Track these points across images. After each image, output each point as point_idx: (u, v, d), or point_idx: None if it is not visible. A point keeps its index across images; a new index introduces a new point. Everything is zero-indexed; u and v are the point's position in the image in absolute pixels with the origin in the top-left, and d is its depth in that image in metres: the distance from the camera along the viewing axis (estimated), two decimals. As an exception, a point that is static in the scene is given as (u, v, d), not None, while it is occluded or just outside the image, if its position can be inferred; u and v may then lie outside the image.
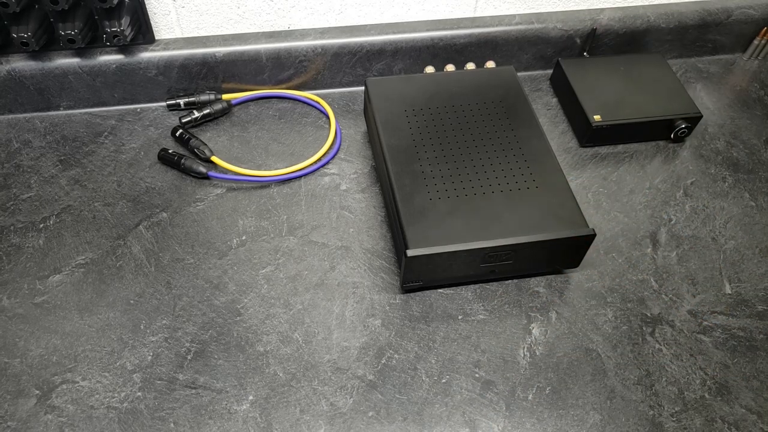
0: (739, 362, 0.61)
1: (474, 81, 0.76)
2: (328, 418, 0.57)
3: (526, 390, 0.59)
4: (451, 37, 0.83)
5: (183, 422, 0.56)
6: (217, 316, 0.63)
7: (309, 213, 0.72)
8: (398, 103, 0.72)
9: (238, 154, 0.78)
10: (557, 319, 0.64)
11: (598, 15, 0.85)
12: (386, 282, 0.66)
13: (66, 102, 0.81)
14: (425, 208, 0.63)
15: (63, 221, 0.70)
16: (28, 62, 0.77)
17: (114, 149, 0.78)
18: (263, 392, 0.58)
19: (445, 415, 0.57)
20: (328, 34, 0.81)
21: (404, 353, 0.61)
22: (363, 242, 0.69)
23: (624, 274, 0.67)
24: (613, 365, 0.61)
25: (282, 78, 0.83)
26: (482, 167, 0.66)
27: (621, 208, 0.73)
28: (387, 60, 0.84)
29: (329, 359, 0.60)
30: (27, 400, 0.57)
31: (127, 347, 0.61)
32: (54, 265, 0.67)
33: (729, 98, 0.87)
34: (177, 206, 0.72)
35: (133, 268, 0.66)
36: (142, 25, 0.76)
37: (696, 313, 0.64)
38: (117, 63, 0.78)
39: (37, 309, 0.63)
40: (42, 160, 0.76)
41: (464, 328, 0.63)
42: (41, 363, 0.59)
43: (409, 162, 0.67)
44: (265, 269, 0.67)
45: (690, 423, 0.57)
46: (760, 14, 0.88)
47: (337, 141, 0.79)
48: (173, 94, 0.82)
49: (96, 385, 0.58)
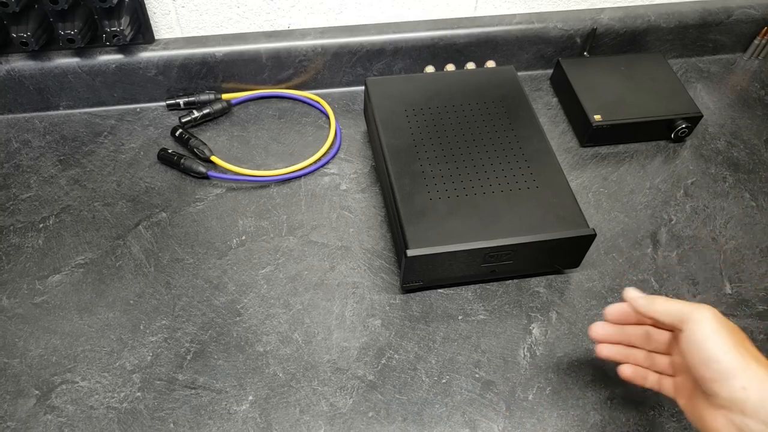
0: (739, 362, 0.61)
1: (474, 81, 0.75)
2: (328, 419, 0.57)
3: (526, 390, 0.59)
4: (451, 37, 0.83)
5: (183, 422, 0.56)
6: (217, 317, 0.63)
7: (309, 213, 0.72)
8: (398, 103, 0.72)
9: (238, 154, 0.78)
10: (557, 319, 0.64)
11: (599, 15, 0.85)
12: (386, 282, 0.66)
13: (65, 102, 0.81)
14: (425, 208, 0.62)
15: (62, 221, 0.70)
16: (28, 62, 0.76)
17: (113, 149, 0.78)
18: (263, 392, 0.58)
19: (445, 416, 0.57)
20: (328, 33, 0.81)
21: (404, 353, 0.61)
22: (363, 242, 0.69)
23: (624, 274, 0.67)
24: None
25: (282, 78, 0.83)
26: (482, 167, 0.66)
27: (621, 208, 0.73)
28: (387, 60, 0.84)
29: (329, 359, 0.60)
30: (26, 401, 0.57)
31: (127, 347, 0.61)
32: (53, 265, 0.66)
33: (729, 98, 0.87)
34: (176, 206, 0.72)
35: (132, 268, 0.66)
36: (142, 24, 0.76)
37: (696, 313, 0.64)
38: (116, 63, 0.78)
39: (37, 309, 0.63)
40: (41, 160, 0.76)
41: (464, 328, 0.63)
42: (41, 363, 0.59)
43: (409, 162, 0.66)
44: (264, 269, 0.67)
45: (690, 423, 0.57)
46: (761, 14, 0.88)
47: (337, 141, 0.79)
48: (173, 93, 0.82)
49: (95, 386, 0.58)
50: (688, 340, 0.46)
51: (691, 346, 0.45)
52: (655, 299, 0.49)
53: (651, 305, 0.49)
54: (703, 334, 0.45)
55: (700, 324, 0.45)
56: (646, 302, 0.49)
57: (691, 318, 0.46)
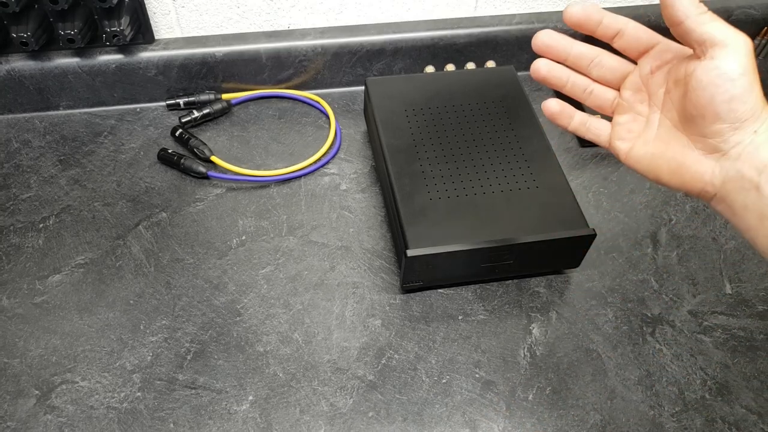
0: (739, 362, 0.61)
1: (474, 81, 0.75)
2: (328, 419, 0.57)
3: (526, 390, 0.59)
4: (451, 37, 0.83)
5: (183, 422, 0.56)
6: (217, 317, 0.63)
7: (309, 213, 0.72)
8: (398, 103, 0.72)
9: (238, 154, 0.78)
10: (557, 319, 0.64)
11: (599, 15, 0.85)
12: (386, 282, 0.66)
13: (65, 102, 0.81)
14: (425, 208, 0.63)
15: (62, 221, 0.70)
16: (28, 62, 0.76)
17: (114, 149, 0.78)
18: (263, 392, 0.58)
19: (445, 416, 0.57)
20: (328, 33, 0.81)
21: (404, 353, 0.61)
22: (363, 242, 0.69)
23: (624, 274, 0.67)
24: (613, 365, 0.61)
25: (282, 78, 0.83)
26: (482, 167, 0.66)
27: (621, 208, 0.73)
28: (387, 60, 0.84)
29: (329, 359, 0.60)
30: (26, 401, 0.57)
31: (127, 347, 0.61)
32: (53, 265, 0.66)
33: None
34: (177, 206, 0.72)
35: (132, 268, 0.66)
36: (142, 24, 0.76)
37: (696, 313, 0.64)
38: (117, 63, 0.78)
39: (37, 309, 0.63)
40: (41, 160, 0.76)
41: (464, 328, 0.63)
42: (41, 363, 0.59)
43: (409, 162, 0.66)
44: (264, 269, 0.67)
45: (690, 423, 0.57)
46: (761, 14, 0.88)
47: (337, 141, 0.79)
48: (173, 93, 0.82)
49: (96, 386, 0.58)
50: (711, 69, 0.38)
51: (716, 78, 0.37)
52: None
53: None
54: (739, 66, 0.37)
55: (738, 54, 0.37)
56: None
57: (727, 43, 0.37)
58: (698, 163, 0.41)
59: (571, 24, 0.44)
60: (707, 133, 0.39)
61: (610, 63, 0.46)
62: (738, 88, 0.37)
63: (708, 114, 0.39)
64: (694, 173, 0.41)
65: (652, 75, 0.44)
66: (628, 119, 0.45)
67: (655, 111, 0.44)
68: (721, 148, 0.39)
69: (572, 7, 0.43)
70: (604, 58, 0.46)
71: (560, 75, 0.47)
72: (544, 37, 0.46)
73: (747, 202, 0.39)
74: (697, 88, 0.39)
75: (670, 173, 0.42)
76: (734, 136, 0.38)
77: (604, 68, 0.46)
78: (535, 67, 0.47)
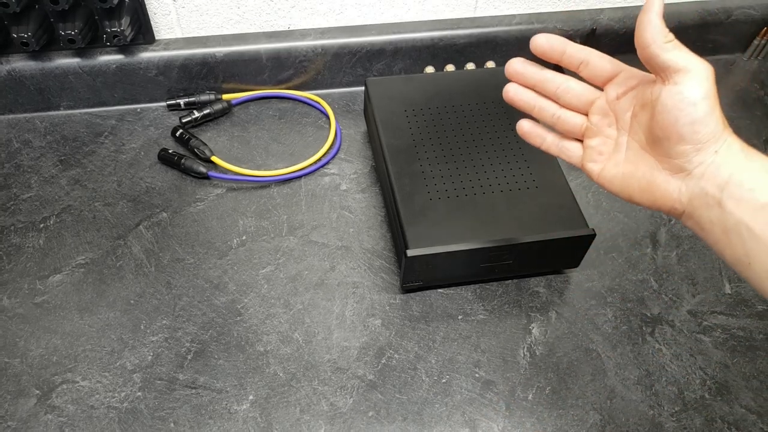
0: (738, 362, 0.61)
1: (474, 81, 0.76)
2: (328, 418, 0.57)
3: (526, 390, 0.59)
4: (451, 37, 0.83)
5: (183, 422, 0.56)
6: (217, 316, 0.63)
7: (309, 213, 0.72)
8: (398, 103, 0.72)
9: (238, 154, 0.78)
10: (557, 319, 0.64)
11: (598, 15, 0.85)
12: (386, 282, 0.66)
13: (66, 102, 0.81)
14: (425, 208, 0.63)
15: (63, 221, 0.70)
16: (28, 62, 0.77)
17: (114, 149, 0.78)
18: (263, 392, 0.58)
19: (445, 415, 0.57)
20: (328, 34, 0.81)
21: (404, 353, 0.61)
22: (363, 242, 0.69)
23: (624, 274, 0.68)
24: (613, 365, 0.61)
25: (282, 78, 0.83)
26: (482, 167, 0.66)
27: (621, 207, 0.73)
28: (387, 60, 0.84)
29: (329, 359, 0.60)
30: (27, 400, 0.57)
31: (127, 347, 0.61)
32: (54, 265, 0.67)
33: (729, 98, 0.87)
34: (177, 206, 0.72)
35: (133, 268, 0.67)
36: (142, 25, 0.76)
37: (696, 313, 0.64)
38: (117, 63, 0.78)
39: (37, 309, 0.63)
40: (42, 160, 0.76)
41: (464, 328, 0.63)
42: (41, 363, 0.60)
43: (409, 162, 0.67)
44: (265, 269, 0.67)
45: (690, 423, 0.57)
46: (760, 14, 0.88)
47: (337, 141, 0.79)
48: (173, 94, 0.82)
49: (96, 385, 0.58)
50: (675, 94, 0.40)
51: (679, 102, 0.40)
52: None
53: (656, 28, 0.42)
54: (701, 91, 0.40)
55: (700, 80, 0.40)
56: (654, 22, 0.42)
57: (689, 69, 0.40)
58: (666, 182, 0.43)
59: (536, 53, 0.47)
60: (672, 154, 0.41)
61: (577, 89, 0.48)
62: (700, 111, 0.40)
63: (672, 136, 0.41)
64: (663, 192, 0.43)
65: (618, 100, 0.46)
66: (598, 142, 0.47)
67: (623, 134, 0.46)
68: (685, 168, 0.41)
69: (538, 38, 0.47)
70: (570, 85, 0.48)
71: (527, 99, 0.49)
72: (516, 65, 0.49)
73: (712, 218, 0.41)
74: (662, 111, 0.41)
75: (641, 192, 0.44)
76: (697, 156, 0.41)
77: (570, 94, 0.48)
78: (504, 90, 0.50)
